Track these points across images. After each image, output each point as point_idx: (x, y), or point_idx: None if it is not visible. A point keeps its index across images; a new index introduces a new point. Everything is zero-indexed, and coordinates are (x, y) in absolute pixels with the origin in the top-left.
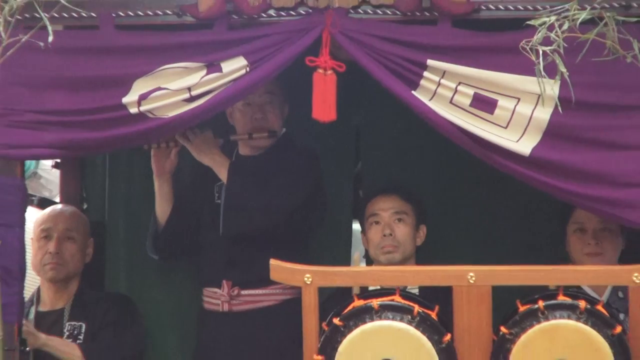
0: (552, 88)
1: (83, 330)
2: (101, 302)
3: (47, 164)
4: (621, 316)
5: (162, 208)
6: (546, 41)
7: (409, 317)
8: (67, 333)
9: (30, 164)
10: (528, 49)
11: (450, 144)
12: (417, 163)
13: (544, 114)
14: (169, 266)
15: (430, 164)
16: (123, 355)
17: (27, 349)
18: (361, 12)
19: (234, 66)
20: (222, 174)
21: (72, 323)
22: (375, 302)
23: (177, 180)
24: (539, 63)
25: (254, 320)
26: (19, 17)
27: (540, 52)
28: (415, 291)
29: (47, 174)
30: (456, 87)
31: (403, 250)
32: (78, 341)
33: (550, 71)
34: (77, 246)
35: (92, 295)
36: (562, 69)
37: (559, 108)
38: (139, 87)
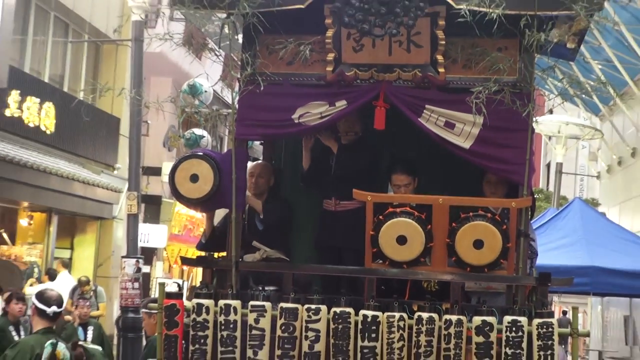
0: (475, 120)
1: None
2: (276, 203)
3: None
4: (506, 221)
5: (307, 163)
6: (478, 96)
7: (412, 216)
8: None
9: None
10: (472, 101)
11: (435, 143)
12: (418, 152)
13: (475, 131)
14: (308, 190)
15: (425, 152)
16: (280, 216)
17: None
18: (397, 82)
19: (340, 104)
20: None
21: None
22: (397, 210)
23: (313, 150)
24: (471, 105)
25: (346, 215)
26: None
27: (473, 102)
28: None
29: (256, 146)
30: (437, 117)
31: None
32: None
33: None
34: (264, 180)
35: (272, 201)
36: (484, 110)
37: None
38: (298, 112)
